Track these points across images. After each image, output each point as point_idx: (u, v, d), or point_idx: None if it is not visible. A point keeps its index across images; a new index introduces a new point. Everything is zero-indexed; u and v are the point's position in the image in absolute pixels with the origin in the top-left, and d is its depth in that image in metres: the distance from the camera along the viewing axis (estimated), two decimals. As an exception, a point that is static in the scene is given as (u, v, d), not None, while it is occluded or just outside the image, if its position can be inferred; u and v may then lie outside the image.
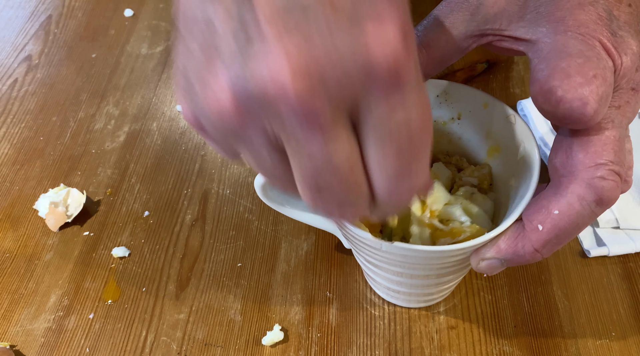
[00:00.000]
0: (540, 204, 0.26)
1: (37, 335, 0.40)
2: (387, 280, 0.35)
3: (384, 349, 0.38)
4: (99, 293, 0.42)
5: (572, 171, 0.25)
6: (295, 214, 0.38)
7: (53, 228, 0.46)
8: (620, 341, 0.38)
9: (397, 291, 0.37)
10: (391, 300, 0.40)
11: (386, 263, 0.31)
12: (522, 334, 0.38)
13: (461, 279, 0.39)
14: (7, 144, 0.53)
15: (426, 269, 0.31)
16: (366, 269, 0.37)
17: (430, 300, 0.39)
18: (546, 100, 0.25)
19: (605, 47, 0.25)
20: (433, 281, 0.34)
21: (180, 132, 0.53)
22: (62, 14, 0.66)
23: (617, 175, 0.25)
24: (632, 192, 0.43)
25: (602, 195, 0.25)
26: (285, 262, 0.43)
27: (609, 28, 0.26)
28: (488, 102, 0.33)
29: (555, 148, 0.27)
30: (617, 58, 0.25)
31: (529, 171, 0.30)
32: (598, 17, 0.26)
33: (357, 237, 0.29)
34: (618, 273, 0.41)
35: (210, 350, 0.39)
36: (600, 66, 0.24)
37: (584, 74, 0.24)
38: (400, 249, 0.28)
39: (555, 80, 0.24)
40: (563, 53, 0.25)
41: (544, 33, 0.27)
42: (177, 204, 0.47)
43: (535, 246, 0.26)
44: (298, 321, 0.40)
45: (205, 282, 0.42)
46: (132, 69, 0.59)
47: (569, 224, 0.25)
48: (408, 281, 0.34)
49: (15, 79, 0.59)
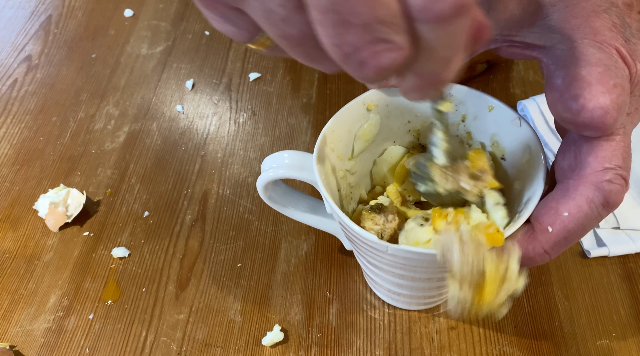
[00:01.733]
0: (549, 206, 0.27)
1: (37, 335, 0.40)
2: (388, 282, 0.35)
3: (384, 349, 0.38)
4: (98, 294, 0.42)
5: (581, 174, 0.26)
6: (297, 215, 0.38)
7: (53, 228, 0.46)
8: (621, 342, 0.38)
9: (398, 294, 0.37)
10: (392, 302, 0.40)
11: (389, 266, 0.31)
12: (522, 334, 0.38)
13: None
14: (7, 144, 0.53)
15: (429, 272, 0.31)
16: (367, 271, 0.37)
17: (430, 303, 0.39)
18: (567, 108, 0.25)
19: (622, 55, 0.25)
20: (435, 284, 0.34)
21: (180, 132, 0.53)
22: (62, 14, 0.66)
23: (623, 179, 0.25)
24: (632, 192, 0.43)
25: (609, 198, 0.25)
26: (285, 262, 0.43)
27: (623, 35, 0.26)
28: (493, 106, 0.33)
29: (563, 151, 0.27)
30: (633, 66, 0.25)
31: (535, 174, 0.30)
32: (612, 24, 0.26)
33: (361, 239, 0.29)
34: (618, 273, 0.41)
35: (210, 351, 0.39)
36: (619, 74, 0.24)
37: (604, 83, 0.24)
38: (406, 253, 0.28)
39: (577, 88, 0.24)
40: (582, 61, 0.25)
41: (559, 40, 0.27)
42: (177, 204, 0.47)
43: (545, 248, 0.27)
44: (298, 321, 0.40)
45: (205, 282, 0.42)
46: (132, 69, 0.59)
47: (578, 225, 0.26)
48: (410, 284, 0.34)
49: (15, 79, 0.59)
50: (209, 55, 0.59)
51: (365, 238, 0.29)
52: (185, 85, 0.57)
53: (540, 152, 0.30)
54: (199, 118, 0.54)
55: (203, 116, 0.54)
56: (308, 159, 0.32)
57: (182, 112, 0.55)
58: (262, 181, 0.33)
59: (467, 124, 0.35)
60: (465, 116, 0.34)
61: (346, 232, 0.31)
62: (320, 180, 0.30)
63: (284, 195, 0.37)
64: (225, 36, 0.60)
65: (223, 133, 0.52)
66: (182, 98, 0.56)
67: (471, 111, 0.34)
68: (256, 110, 0.54)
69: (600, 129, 0.24)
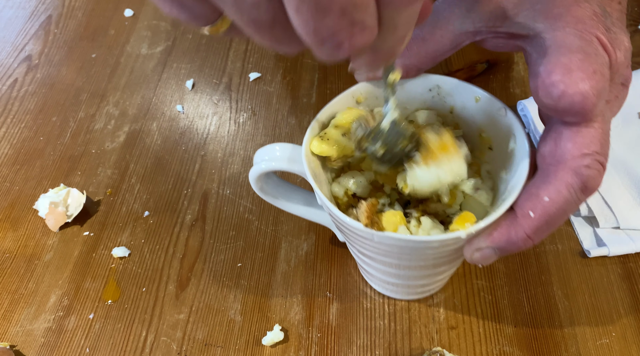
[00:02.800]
0: (529, 192, 0.27)
1: (37, 335, 0.40)
2: (380, 272, 0.35)
3: (384, 349, 0.38)
4: (99, 293, 0.42)
5: (561, 160, 0.26)
6: (290, 207, 0.38)
7: (53, 228, 0.46)
8: (620, 341, 0.38)
9: (391, 284, 0.37)
10: (386, 292, 0.40)
11: (378, 254, 0.32)
12: (522, 334, 0.38)
13: (454, 270, 0.39)
14: (7, 144, 0.53)
15: (419, 259, 0.31)
16: (360, 262, 0.37)
17: (424, 292, 0.39)
18: (547, 94, 0.25)
19: (602, 43, 0.26)
20: (426, 272, 0.34)
21: (180, 132, 0.53)
22: (62, 14, 0.66)
23: (600, 165, 0.26)
24: (632, 192, 0.43)
25: (587, 183, 0.26)
26: (285, 262, 0.43)
27: (604, 24, 0.27)
28: (479, 96, 0.33)
29: (544, 138, 0.28)
30: (613, 53, 0.26)
31: (520, 162, 0.30)
32: (593, 13, 0.27)
33: (349, 227, 0.30)
34: (618, 273, 0.41)
35: (210, 350, 0.39)
36: (599, 61, 0.25)
37: (584, 69, 0.25)
38: (392, 240, 0.28)
39: (557, 75, 0.25)
40: (563, 48, 0.26)
41: (542, 29, 0.27)
42: (177, 204, 0.47)
43: (528, 232, 0.27)
44: (298, 321, 0.40)
45: (205, 282, 0.42)
46: (132, 69, 0.59)
47: (558, 210, 0.26)
48: (401, 273, 0.34)
49: (15, 79, 0.59)
50: (209, 55, 0.59)
51: (350, 225, 0.29)
52: (185, 85, 0.57)
53: (524, 141, 0.30)
54: (199, 118, 0.54)
55: (203, 115, 0.54)
56: (299, 151, 0.32)
57: (182, 112, 0.55)
58: (255, 174, 0.34)
59: (455, 115, 0.35)
60: (453, 108, 0.35)
61: (336, 222, 0.31)
62: (309, 171, 0.31)
63: (276, 187, 0.37)
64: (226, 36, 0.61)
65: (223, 133, 0.52)
66: (182, 98, 0.56)
67: (458, 103, 0.35)
68: (256, 110, 0.54)
69: (580, 114, 0.25)
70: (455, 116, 0.35)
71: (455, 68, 0.54)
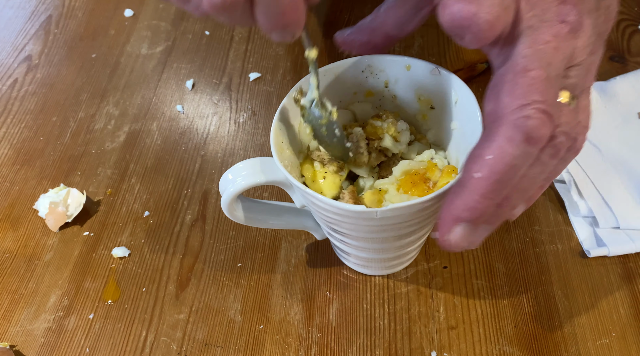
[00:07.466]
0: (474, 154, 0.26)
1: (37, 335, 0.40)
2: (363, 250, 0.36)
3: (384, 349, 0.38)
4: (99, 293, 0.42)
5: (500, 116, 0.25)
6: (268, 223, 0.39)
7: (53, 228, 0.46)
8: (620, 342, 0.38)
9: (369, 260, 0.38)
10: (362, 270, 0.41)
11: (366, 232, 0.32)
12: (522, 334, 0.38)
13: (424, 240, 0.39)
14: (7, 144, 0.53)
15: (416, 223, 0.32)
16: (342, 246, 0.38)
17: (395, 265, 0.40)
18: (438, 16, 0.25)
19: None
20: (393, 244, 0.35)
21: (180, 132, 0.53)
22: (62, 14, 0.66)
23: (543, 113, 0.25)
24: (632, 192, 0.43)
25: (529, 133, 0.25)
26: (285, 262, 0.43)
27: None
28: (410, 64, 0.34)
29: (487, 96, 0.27)
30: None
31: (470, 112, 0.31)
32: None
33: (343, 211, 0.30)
34: (618, 273, 0.41)
35: (210, 350, 0.39)
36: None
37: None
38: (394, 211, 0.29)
39: None
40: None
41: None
42: (177, 204, 0.47)
43: (480, 194, 0.26)
44: (298, 321, 0.40)
45: (205, 282, 0.42)
46: (132, 69, 0.59)
47: (506, 166, 0.25)
48: (375, 246, 0.35)
49: (15, 79, 0.59)
50: (209, 55, 0.59)
51: (350, 210, 0.29)
52: (185, 85, 0.57)
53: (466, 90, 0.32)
54: (199, 118, 0.54)
55: (203, 115, 0.54)
56: (265, 162, 0.33)
57: (182, 112, 0.55)
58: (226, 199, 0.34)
59: (390, 88, 0.37)
60: (388, 82, 0.36)
61: (325, 215, 0.31)
62: (286, 172, 0.31)
63: (249, 209, 0.37)
64: (226, 36, 0.61)
65: (223, 133, 0.52)
66: (182, 98, 0.56)
67: (392, 76, 0.36)
68: (256, 110, 0.54)
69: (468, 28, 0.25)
70: (391, 89, 0.37)
71: (455, 68, 0.54)
